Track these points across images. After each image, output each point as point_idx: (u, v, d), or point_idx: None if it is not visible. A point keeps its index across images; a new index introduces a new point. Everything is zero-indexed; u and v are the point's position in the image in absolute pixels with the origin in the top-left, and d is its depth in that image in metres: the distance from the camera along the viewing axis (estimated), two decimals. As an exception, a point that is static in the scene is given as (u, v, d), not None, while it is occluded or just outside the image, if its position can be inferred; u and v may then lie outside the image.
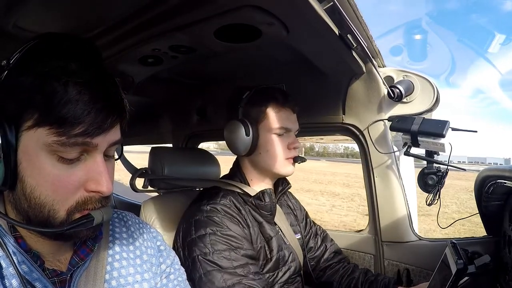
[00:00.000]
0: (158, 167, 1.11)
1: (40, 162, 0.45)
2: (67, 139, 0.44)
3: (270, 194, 0.94)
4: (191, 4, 0.76)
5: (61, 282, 0.52)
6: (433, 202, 1.15)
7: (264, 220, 0.96)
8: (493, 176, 0.97)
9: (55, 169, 0.46)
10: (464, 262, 0.89)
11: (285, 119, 0.97)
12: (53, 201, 0.46)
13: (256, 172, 1.01)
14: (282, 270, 0.95)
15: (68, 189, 0.47)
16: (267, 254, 0.93)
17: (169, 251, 0.71)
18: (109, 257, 0.58)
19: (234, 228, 0.86)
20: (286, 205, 1.13)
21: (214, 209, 0.89)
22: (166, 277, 0.67)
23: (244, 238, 0.87)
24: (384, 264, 1.27)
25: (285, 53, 1.12)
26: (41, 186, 0.46)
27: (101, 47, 0.97)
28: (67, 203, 0.47)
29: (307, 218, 1.18)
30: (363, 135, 1.27)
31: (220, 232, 0.84)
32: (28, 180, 0.46)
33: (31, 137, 0.45)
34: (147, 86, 1.38)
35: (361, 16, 0.90)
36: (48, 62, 0.45)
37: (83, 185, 0.48)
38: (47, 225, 0.47)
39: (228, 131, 0.97)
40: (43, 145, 0.44)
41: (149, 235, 0.69)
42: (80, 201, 0.48)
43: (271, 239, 0.95)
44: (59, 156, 0.45)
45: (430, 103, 1.17)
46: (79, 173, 0.47)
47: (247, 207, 0.95)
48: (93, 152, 0.48)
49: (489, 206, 1.05)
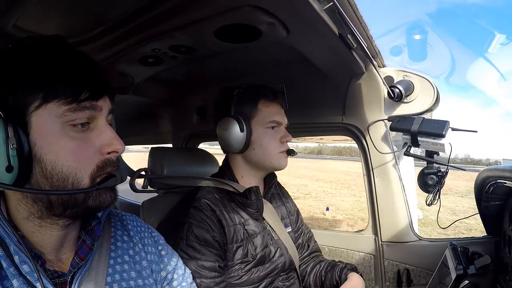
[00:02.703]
0: (157, 167, 1.11)
1: (57, 134, 0.47)
2: (77, 105, 0.47)
3: (256, 192, 0.95)
4: (191, 4, 0.76)
5: (62, 284, 0.51)
6: (433, 202, 1.15)
7: (250, 217, 0.97)
8: (493, 176, 0.97)
9: (72, 138, 0.48)
10: (464, 267, 0.89)
11: (276, 113, 1.00)
12: (76, 169, 0.48)
13: (249, 168, 1.02)
14: (269, 266, 0.96)
15: (88, 154, 0.49)
16: (251, 251, 0.94)
17: (171, 256, 0.70)
18: (111, 260, 0.58)
19: (200, 234, 0.87)
20: (278, 198, 1.14)
21: (185, 214, 0.91)
22: (168, 283, 0.66)
23: (208, 244, 0.87)
24: (384, 264, 1.27)
25: (285, 53, 1.12)
26: (62, 159, 0.47)
27: (101, 47, 0.98)
28: (89, 168, 0.49)
29: (298, 215, 1.19)
30: (363, 135, 1.27)
31: (182, 241, 0.87)
32: (47, 157, 0.47)
33: (42, 114, 0.46)
34: (147, 86, 1.38)
35: (361, 16, 0.90)
36: (37, 48, 0.49)
37: (99, 150, 0.51)
38: (71, 201, 0.49)
39: (222, 128, 0.98)
40: (56, 117, 0.47)
41: (151, 240, 0.68)
42: (99, 164, 0.51)
43: (255, 236, 0.95)
44: (71, 125, 0.48)
45: (430, 103, 1.17)
46: (93, 137, 0.50)
47: (233, 204, 0.96)
48: (98, 117, 0.51)
49: (489, 206, 1.05)
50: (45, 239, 0.52)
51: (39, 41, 0.50)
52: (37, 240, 0.51)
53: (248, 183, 1.00)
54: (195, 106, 1.69)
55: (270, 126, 0.99)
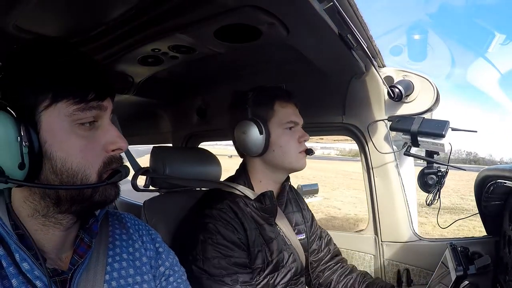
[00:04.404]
0: (159, 166, 1.11)
1: (66, 133, 0.49)
2: (86, 105, 0.50)
3: (271, 197, 0.94)
4: (191, 4, 0.76)
5: (62, 282, 0.52)
6: (433, 202, 1.15)
7: (265, 222, 0.96)
8: (493, 176, 0.97)
9: (80, 137, 0.51)
10: (464, 268, 0.89)
11: (292, 113, 1.00)
12: (85, 166, 0.51)
13: (268, 171, 1.01)
14: (282, 272, 0.95)
15: (95, 152, 0.52)
16: (268, 257, 0.93)
17: (168, 253, 0.71)
18: (109, 258, 0.59)
19: (227, 235, 0.87)
20: (295, 203, 1.13)
21: (209, 215, 0.90)
22: (166, 279, 0.67)
23: (236, 245, 0.87)
24: (384, 264, 1.27)
25: (285, 53, 1.12)
26: (71, 156, 0.50)
27: (101, 47, 0.98)
28: (96, 165, 0.52)
29: (313, 220, 1.18)
30: (363, 135, 1.27)
31: (211, 240, 0.86)
32: (57, 154, 0.49)
33: (52, 113, 0.49)
34: (147, 86, 1.38)
35: (361, 16, 0.90)
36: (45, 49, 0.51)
37: (104, 147, 0.53)
38: (79, 196, 0.52)
39: (241, 132, 0.96)
40: (65, 116, 0.49)
41: (148, 237, 0.69)
42: (106, 161, 0.53)
43: (271, 241, 0.95)
44: (79, 124, 0.50)
45: (430, 103, 1.17)
46: (99, 136, 0.53)
47: (248, 209, 0.95)
48: (103, 116, 0.54)
49: (489, 206, 1.05)
50: (47, 238, 0.53)
51: (46, 42, 0.53)
52: (39, 238, 0.52)
53: (265, 188, 0.98)
54: (195, 106, 1.69)
55: (288, 127, 0.98)
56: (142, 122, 2.09)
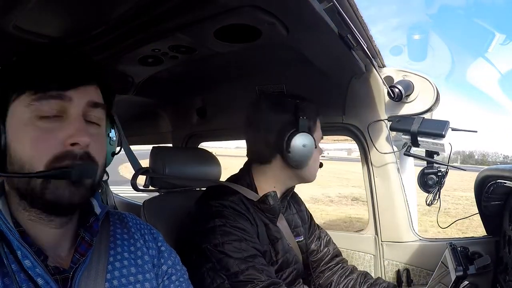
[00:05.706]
0: (159, 166, 1.11)
1: (23, 124, 0.50)
2: (43, 94, 0.49)
3: (274, 197, 0.93)
4: (191, 4, 0.76)
5: (63, 280, 0.52)
6: (433, 202, 1.15)
7: (270, 222, 0.95)
8: (493, 176, 0.97)
9: (37, 128, 0.49)
10: (464, 268, 0.89)
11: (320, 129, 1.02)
12: (32, 157, 0.49)
13: (284, 178, 0.98)
14: (286, 272, 0.95)
15: (48, 144, 0.49)
16: (273, 257, 0.92)
17: (170, 252, 0.71)
18: (111, 257, 0.59)
19: (242, 222, 0.86)
20: (293, 206, 1.13)
21: (222, 205, 0.88)
22: (168, 278, 0.67)
23: (252, 232, 0.87)
24: (384, 264, 1.27)
25: (285, 53, 1.12)
26: (22, 145, 0.49)
27: (101, 47, 0.98)
28: (45, 158, 0.49)
29: (311, 221, 1.18)
30: (363, 135, 1.27)
31: (230, 224, 0.84)
32: (14, 144, 0.50)
33: (17, 105, 0.50)
34: (147, 86, 1.38)
35: (361, 16, 0.90)
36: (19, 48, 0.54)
37: (62, 141, 0.50)
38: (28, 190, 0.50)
39: (301, 144, 0.90)
40: (24, 107, 0.49)
41: (150, 236, 0.69)
42: (58, 155, 0.49)
43: (277, 241, 0.94)
44: (40, 116, 0.50)
45: (430, 103, 1.17)
46: (57, 127, 0.50)
47: (251, 209, 0.94)
48: (71, 109, 0.51)
49: (489, 206, 1.05)
50: (40, 234, 0.53)
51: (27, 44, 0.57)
52: (32, 234, 0.52)
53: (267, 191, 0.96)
54: (195, 106, 1.69)
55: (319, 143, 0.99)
56: (142, 122, 2.09)
